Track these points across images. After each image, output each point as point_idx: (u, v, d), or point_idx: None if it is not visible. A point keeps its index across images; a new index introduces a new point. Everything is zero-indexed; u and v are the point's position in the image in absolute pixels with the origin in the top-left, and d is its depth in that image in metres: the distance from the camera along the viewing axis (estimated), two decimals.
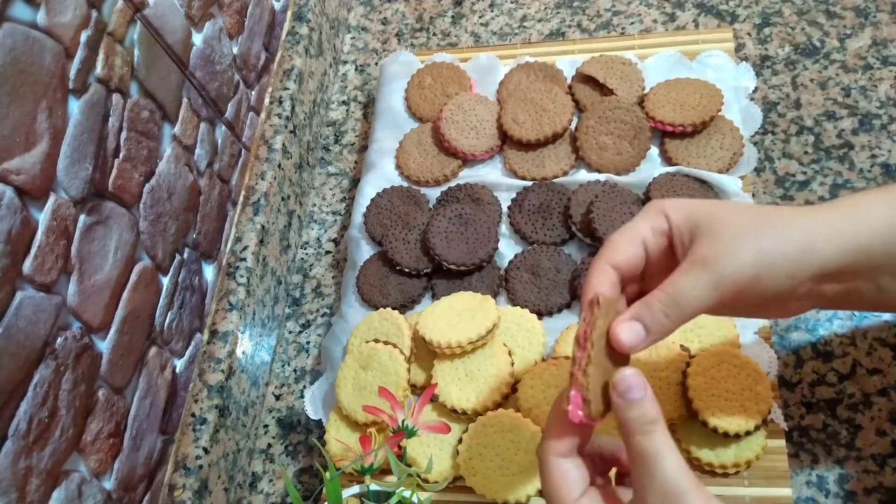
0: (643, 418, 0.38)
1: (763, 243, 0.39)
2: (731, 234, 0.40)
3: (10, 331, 0.42)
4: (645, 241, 0.42)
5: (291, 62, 0.76)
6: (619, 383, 0.38)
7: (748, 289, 0.40)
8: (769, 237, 0.40)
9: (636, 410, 0.38)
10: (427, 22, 0.88)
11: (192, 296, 0.62)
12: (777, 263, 0.39)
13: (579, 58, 0.75)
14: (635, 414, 0.38)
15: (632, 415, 0.38)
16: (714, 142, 0.66)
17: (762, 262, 0.39)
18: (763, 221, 0.41)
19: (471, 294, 0.62)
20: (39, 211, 0.44)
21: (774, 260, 0.39)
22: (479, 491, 0.56)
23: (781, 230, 0.40)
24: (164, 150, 0.57)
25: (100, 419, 0.50)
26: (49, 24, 0.45)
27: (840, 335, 0.60)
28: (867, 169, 0.66)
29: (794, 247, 0.40)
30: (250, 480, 0.66)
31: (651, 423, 0.38)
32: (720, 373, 0.54)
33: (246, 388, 0.66)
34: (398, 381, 0.59)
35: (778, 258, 0.39)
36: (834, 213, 0.41)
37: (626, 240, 0.42)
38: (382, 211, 0.71)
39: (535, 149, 0.71)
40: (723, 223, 0.40)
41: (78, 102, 0.47)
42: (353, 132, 0.84)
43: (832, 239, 0.40)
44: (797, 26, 0.75)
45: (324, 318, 0.73)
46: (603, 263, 0.42)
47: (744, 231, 0.40)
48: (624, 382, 0.38)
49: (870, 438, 0.56)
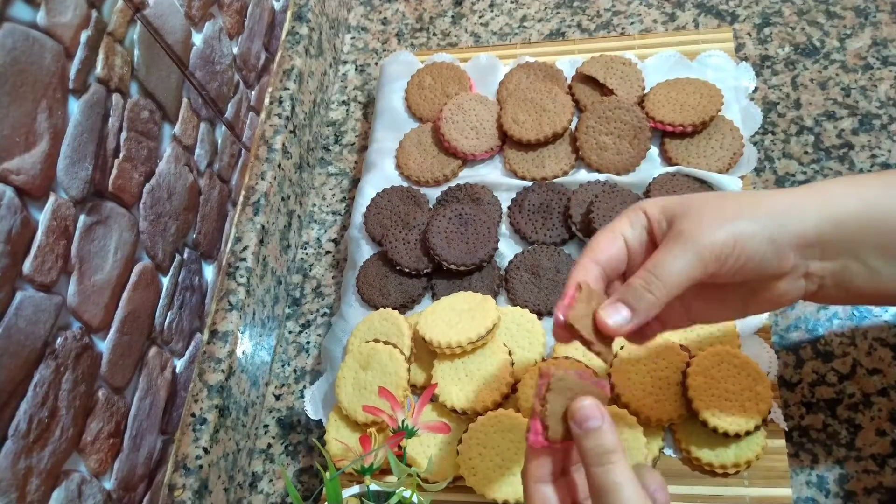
0: (600, 448, 0.38)
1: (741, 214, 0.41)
2: (707, 212, 0.41)
3: (10, 331, 0.42)
4: (625, 235, 0.43)
5: (291, 62, 0.76)
6: (577, 413, 0.39)
7: (730, 257, 0.40)
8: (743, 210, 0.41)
9: (593, 440, 0.38)
10: (427, 22, 0.88)
11: (192, 296, 0.62)
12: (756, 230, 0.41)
13: (579, 58, 0.75)
14: (592, 444, 0.38)
15: (589, 444, 0.38)
16: (714, 142, 0.67)
17: (738, 231, 0.40)
18: (736, 199, 0.43)
19: (471, 294, 0.62)
20: (39, 211, 0.44)
21: (749, 225, 0.41)
22: (479, 491, 0.56)
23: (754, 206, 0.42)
24: (164, 150, 0.58)
25: (100, 419, 0.50)
26: (49, 24, 0.45)
27: (840, 335, 0.60)
28: (867, 169, 0.66)
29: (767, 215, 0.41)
30: (250, 480, 0.66)
31: (608, 454, 0.37)
32: (720, 373, 0.54)
33: (246, 388, 0.66)
34: (398, 381, 0.59)
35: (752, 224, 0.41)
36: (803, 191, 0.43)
37: (607, 237, 0.43)
38: (382, 211, 0.71)
39: (535, 149, 0.71)
40: (697, 207, 0.42)
41: (78, 102, 0.47)
42: (353, 132, 0.84)
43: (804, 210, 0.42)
44: (797, 26, 0.75)
45: (324, 318, 0.73)
46: (586, 260, 0.43)
47: (718, 208, 0.42)
48: (580, 412, 0.38)
49: (870, 438, 0.56)
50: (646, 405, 0.55)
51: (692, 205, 0.42)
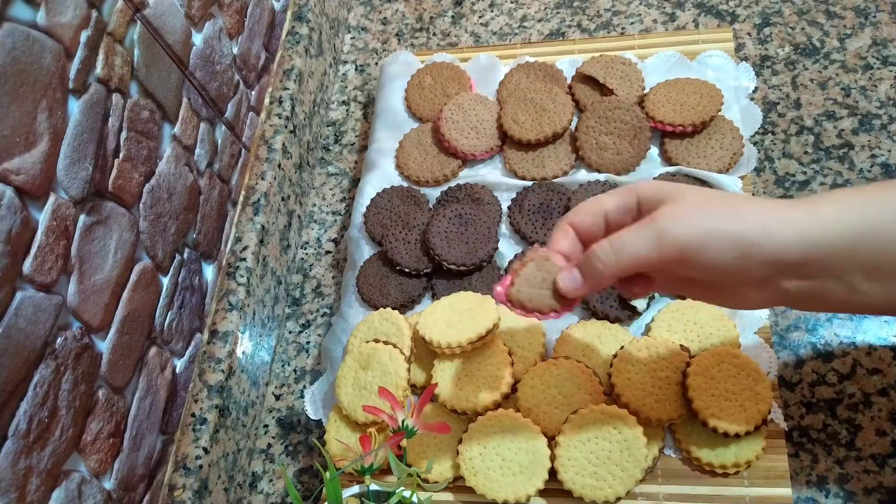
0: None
1: (716, 216, 0.40)
2: (690, 203, 0.41)
3: (10, 331, 0.42)
4: (606, 212, 0.45)
5: (291, 62, 0.76)
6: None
7: (694, 256, 0.40)
8: (725, 212, 0.40)
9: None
10: (427, 22, 0.88)
11: (192, 296, 0.62)
12: (726, 237, 0.39)
13: (579, 58, 0.75)
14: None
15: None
16: (714, 142, 0.67)
17: (711, 232, 0.39)
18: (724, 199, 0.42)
19: (471, 294, 0.62)
20: (39, 211, 0.44)
21: (725, 232, 0.39)
22: (479, 491, 0.56)
23: (739, 210, 0.40)
24: (164, 150, 0.57)
25: (100, 419, 0.50)
26: (49, 24, 0.45)
27: (840, 335, 0.60)
28: (867, 169, 0.66)
29: (747, 226, 0.40)
30: (250, 480, 0.66)
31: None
32: (720, 373, 0.54)
33: (246, 388, 0.66)
34: (398, 381, 0.59)
35: (728, 232, 0.39)
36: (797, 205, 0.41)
37: (588, 207, 0.45)
38: (382, 211, 0.71)
39: (535, 149, 0.71)
40: (685, 197, 0.41)
41: (78, 102, 0.47)
42: (353, 132, 0.84)
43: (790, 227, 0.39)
44: (797, 26, 0.75)
45: (324, 318, 0.73)
46: (563, 223, 0.46)
47: (702, 204, 0.41)
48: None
49: (870, 438, 0.56)
50: (646, 405, 0.55)
51: (683, 195, 0.42)
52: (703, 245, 0.39)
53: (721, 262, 0.40)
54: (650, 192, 0.43)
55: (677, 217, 0.40)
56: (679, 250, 0.40)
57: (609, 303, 0.62)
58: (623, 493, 0.53)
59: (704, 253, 0.40)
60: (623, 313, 0.61)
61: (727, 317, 0.59)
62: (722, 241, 0.39)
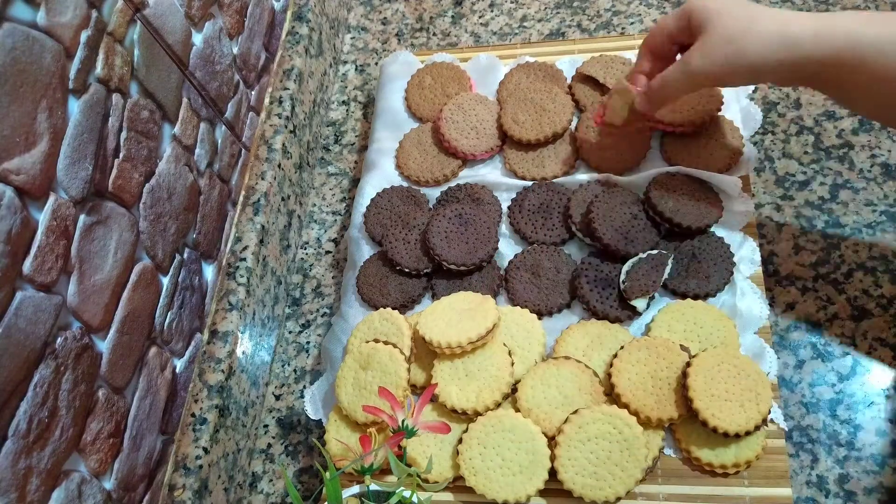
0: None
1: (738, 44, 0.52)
2: (718, 36, 0.53)
3: (10, 331, 0.42)
4: (670, 32, 0.58)
5: (291, 62, 0.76)
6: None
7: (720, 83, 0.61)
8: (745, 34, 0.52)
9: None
10: (427, 22, 0.88)
11: (192, 296, 0.62)
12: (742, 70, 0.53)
13: (579, 58, 0.75)
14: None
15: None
16: (714, 142, 0.66)
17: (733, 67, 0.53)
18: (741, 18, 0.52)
19: (471, 294, 0.62)
20: (39, 211, 0.44)
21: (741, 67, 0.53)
22: (479, 491, 0.56)
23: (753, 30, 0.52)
24: (164, 150, 0.58)
25: (100, 419, 0.50)
26: (49, 24, 0.45)
27: (840, 335, 0.60)
28: (867, 169, 0.66)
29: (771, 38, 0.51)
30: (250, 480, 0.66)
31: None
32: (720, 373, 0.54)
33: (246, 388, 0.66)
34: (398, 381, 0.59)
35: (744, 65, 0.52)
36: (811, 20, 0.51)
37: (657, 29, 0.59)
38: (382, 211, 0.71)
39: (535, 149, 0.71)
40: (715, 28, 0.53)
41: (78, 102, 0.47)
42: (353, 132, 0.84)
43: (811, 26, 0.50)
44: None
45: (324, 318, 0.73)
46: (643, 48, 0.61)
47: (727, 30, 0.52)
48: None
49: (870, 438, 0.56)
50: (646, 405, 0.55)
51: (714, 27, 0.53)
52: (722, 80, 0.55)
53: (745, 83, 0.55)
54: (697, 13, 0.54)
55: (704, 53, 0.53)
56: (708, 81, 0.55)
57: (609, 303, 0.62)
58: (623, 493, 0.53)
59: (728, 80, 0.55)
60: (623, 313, 0.61)
61: (727, 317, 0.59)
62: (740, 76, 0.53)
